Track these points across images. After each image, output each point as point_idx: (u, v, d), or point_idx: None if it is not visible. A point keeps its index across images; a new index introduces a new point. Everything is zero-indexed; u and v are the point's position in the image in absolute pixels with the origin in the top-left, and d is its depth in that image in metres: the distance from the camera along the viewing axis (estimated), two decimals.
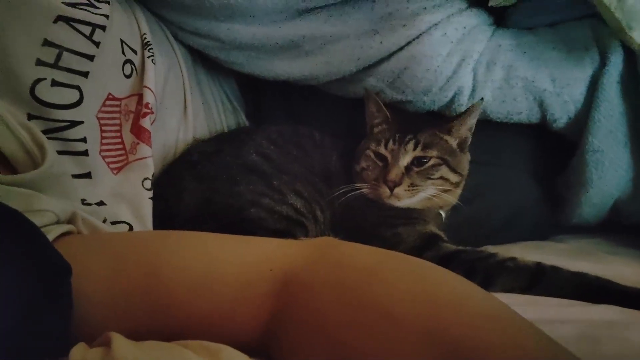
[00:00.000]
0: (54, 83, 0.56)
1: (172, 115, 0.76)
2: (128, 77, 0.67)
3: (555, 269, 0.62)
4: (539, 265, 0.63)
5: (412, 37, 0.76)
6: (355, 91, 0.85)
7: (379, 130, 0.79)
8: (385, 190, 0.72)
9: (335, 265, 0.42)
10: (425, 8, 0.75)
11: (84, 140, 0.60)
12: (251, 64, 0.84)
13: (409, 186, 0.72)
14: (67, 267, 0.41)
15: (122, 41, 0.66)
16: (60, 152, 0.58)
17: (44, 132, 0.55)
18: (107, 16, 0.62)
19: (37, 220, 0.44)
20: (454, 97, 0.80)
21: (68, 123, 0.58)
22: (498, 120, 0.82)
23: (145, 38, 0.71)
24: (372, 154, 0.77)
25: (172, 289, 0.44)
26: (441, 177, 0.74)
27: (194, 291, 0.43)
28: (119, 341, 0.36)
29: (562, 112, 0.78)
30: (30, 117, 0.55)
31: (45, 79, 0.56)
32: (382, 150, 0.76)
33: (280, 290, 0.42)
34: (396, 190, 0.72)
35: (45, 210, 0.48)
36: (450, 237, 0.74)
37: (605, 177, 0.76)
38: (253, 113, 0.97)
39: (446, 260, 0.66)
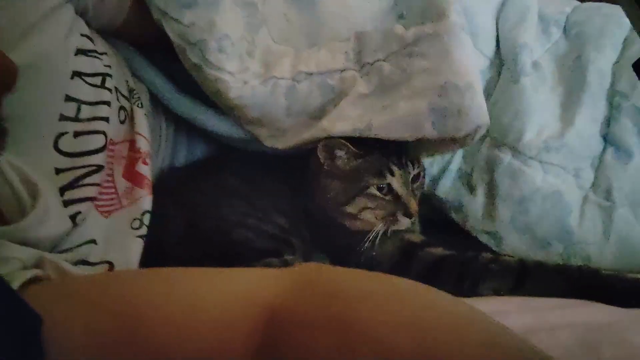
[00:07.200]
0: (76, 134, 0.58)
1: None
2: (122, 122, 0.67)
3: (538, 265, 0.61)
4: (521, 263, 0.61)
5: None
6: None
7: (365, 165, 0.67)
8: (407, 221, 0.66)
9: (321, 294, 0.40)
10: None
11: (99, 184, 0.61)
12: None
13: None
14: (37, 317, 0.39)
15: (116, 89, 0.66)
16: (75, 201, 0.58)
17: (75, 180, 0.57)
18: (109, 66, 0.64)
19: (1, 269, 0.43)
20: None
21: (95, 167, 0.59)
22: None
23: (129, 84, 0.71)
24: (376, 191, 0.66)
25: (156, 332, 0.41)
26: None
27: (179, 333, 0.41)
28: None
29: None
30: (58, 171, 0.56)
31: (67, 132, 0.57)
32: (389, 180, 0.66)
33: (267, 324, 0.40)
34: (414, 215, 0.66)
35: (10, 257, 0.46)
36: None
37: None
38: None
39: (434, 269, 0.64)
